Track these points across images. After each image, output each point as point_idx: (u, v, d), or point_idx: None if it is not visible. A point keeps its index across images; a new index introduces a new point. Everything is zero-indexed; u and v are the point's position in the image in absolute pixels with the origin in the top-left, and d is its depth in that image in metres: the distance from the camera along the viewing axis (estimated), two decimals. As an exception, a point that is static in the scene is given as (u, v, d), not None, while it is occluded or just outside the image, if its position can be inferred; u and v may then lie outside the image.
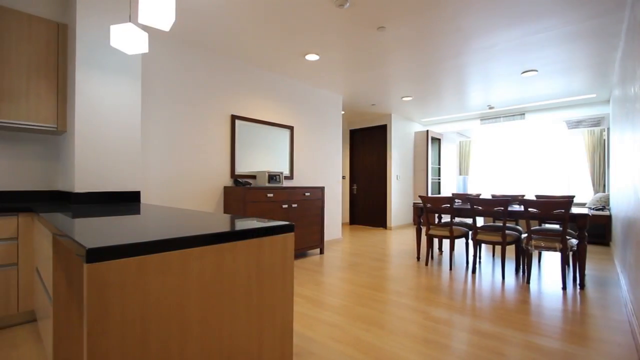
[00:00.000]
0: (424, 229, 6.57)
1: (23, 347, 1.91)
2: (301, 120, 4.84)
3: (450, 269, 3.68)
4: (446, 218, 7.82)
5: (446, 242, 5.41)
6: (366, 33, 3.25)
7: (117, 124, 2.58)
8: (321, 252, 4.49)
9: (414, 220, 7.69)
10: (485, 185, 8.79)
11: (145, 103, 3.17)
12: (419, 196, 3.91)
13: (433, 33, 3.23)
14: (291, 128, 4.64)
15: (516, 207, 3.64)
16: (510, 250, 4.85)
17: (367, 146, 7.39)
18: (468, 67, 4.15)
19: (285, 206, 3.91)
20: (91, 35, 2.44)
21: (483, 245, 5.12)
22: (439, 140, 8.06)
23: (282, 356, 1.24)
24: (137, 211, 1.83)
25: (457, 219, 4.91)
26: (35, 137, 2.67)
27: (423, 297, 2.81)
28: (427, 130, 7.48)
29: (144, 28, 3.05)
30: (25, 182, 2.62)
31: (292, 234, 1.22)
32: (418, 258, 4.13)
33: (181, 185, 3.44)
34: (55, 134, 2.69)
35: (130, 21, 1.88)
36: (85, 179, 2.42)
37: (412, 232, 6.45)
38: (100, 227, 1.13)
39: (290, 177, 4.62)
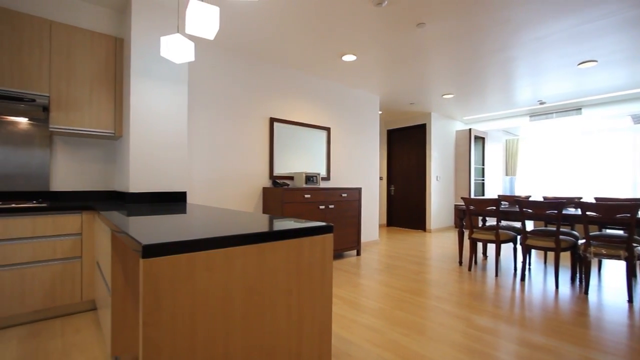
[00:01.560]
0: (466, 232, 6.26)
1: (85, 332, 2.10)
2: (338, 121, 4.85)
3: (496, 275, 3.48)
4: (491, 221, 7.41)
5: (491, 247, 5.12)
6: (405, 30, 3.17)
7: (166, 129, 2.76)
8: (358, 253, 4.46)
9: (455, 222, 7.36)
10: (535, 186, 8.18)
11: (190, 108, 3.36)
12: (462, 198, 3.74)
13: (477, 26, 3.08)
14: (328, 129, 4.66)
15: (572, 211, 3.35)
16: (565, 257, 4.47)
17: (405, 146, 7.21)
18: (516, 60, 3.90)
19: (322, 207, 3.93)
20: (144, 47, 2.64)
21: (533, 251, 4.77)
22: (483, 138, 7.65)
23: (321, 356, 1.24)
24: (183, 210, 1.94)
25: (503, 223, 4.62)
26: (96, 142, 2.93)
27: (466, 303, 2.68)
28: (470, 129, 7.13)
29: (190, 38, 3.24)
30: (87, 182, 2.88)
31: (331, 235, 1.23)
32: (460, 262, 3.95)
33: (223, 186, 3.59)
34: (113, 139, 2.93)
35: (178, 32, 2.00)
36: (139, 180, 2.61)
37: (453, 235, 6.19)
38: (152, 225, 1.21)
39: (327, 178, 4.64)
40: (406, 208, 7.14)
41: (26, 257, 2.16)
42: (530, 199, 5.09)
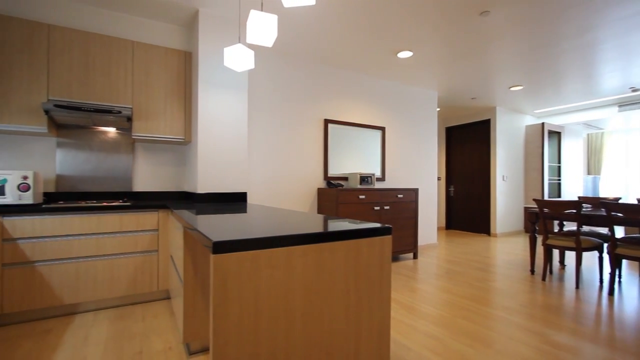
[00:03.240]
0: (539, 238, 5.66)
1: (161, 318, 2.34)
2: (393, 120, 4.73)
3: (577, 287, 3.08)
4: (569, 226, 6.59)
5: (570, 255, 4.56)
6: (466, 21, 2.98)
7: (229, 133, 2.95)
8: (415, 256, 4.29)
9: (525, 227, 6.71)
10: (624, 187, 7.09)
11: (249, 113, 3.55)
12: (534, 200, 3.39)
13: (551, 9, 2.77)
14: (382, 129, 4.57)
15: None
16: (668, 270, 3.80)
17: (467, 144, 6.77)
18: (600, 43, 3.43)
19: (377, 208, 3.87)
20: (209, 59, 2.85)
21: (624, 262, 4.14)
22: (559, 133, 6.85)
23: (379, 359, 1.22)
24: (244, 210, 2.05)
25: (585, 228, 4.09)
26: (169, 147, 3.25)
27: (540, 317, 2.42)
28: (543, 123, 6.44)
29: (250, 46, 3.42)
30: (161, 184, 3.21)
31: (390, 236, 1.20)
32: (532, 271, 3.58)
33: (279, 187, 3.73)
34: (183, 144, 3.22)
35: (239, 42, 2.13)
36: (205, 181, 2.83)
37: (523, 241, 5.64)
38: (219, 223, 1.30)
39: (382, 178, 4.55)
40: (467, 210, 6.70)
41: (115, 249, 2.48)
42: (621, 201, 4.42)
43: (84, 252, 2.37)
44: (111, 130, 2.97)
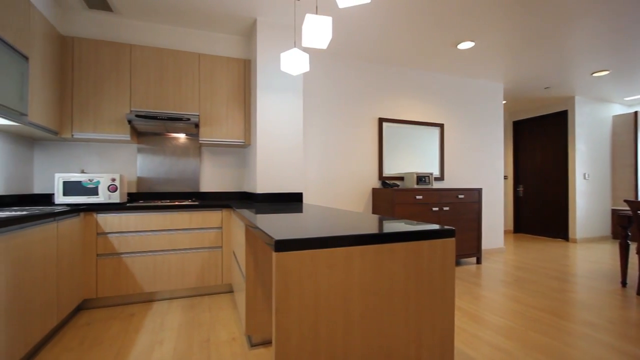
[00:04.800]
0: (632, 245, 4.90)
1: (226, 310, 2.50)
2: (452, 116, 4.47)
3: (686, 304, 2.60)
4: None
5: (674, 266, 3.86)
6: (538, 1, 2.70)
7: (285, 136, 3.05)
8: (478, 261, 4.00)
9: (613, 232, 5.85)
10: None
11: (304, 114, 3.63)
12: (625, 201, 2.94)
13: (647, -21, 2.38)
14: (441, 125, 4.34)
15: None
16: None
17: (538, 139, 6.13)
18: None
19: (435, 209, 3.69)
20: (266, 65, 2.98)
21: None
22: (657, 124, 5.85)
23: (442, 369, 1.15)
24: (301, 210, 2.10)
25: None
26: (230, 151, 3.46)
27: (635, 336, 2.08)
28: (636, 112, 5.56)
29: (304, 49, 3.50)
30: (224, 184, 3.43)
31: (453, 239, 1.13)
32: (623, 283, 3.11)
33: (334, 187, 3.75)
34: (243, 147, 3.41)
35: (294, 46, 2.19)
36: (264, 182, 2.96)
37: (610, 248, 4.92)
38: (278, 222, 1.35)
39: (440, 178, 4.33)
40: (540, 212, 6.05)
41: (185, 244, 2.71)
42: None
43: (160, 246, 2.64)
44: (181, 136, 3.27)
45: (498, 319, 2.35)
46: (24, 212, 1.84)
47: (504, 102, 5.85)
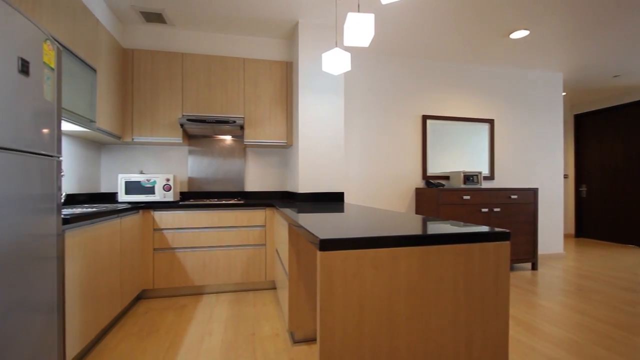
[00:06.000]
0: None
1: (269, 306, 2.57)
2: (503, 111, 4.18)
3: None
4: None
5: None
6: (604, -17, 2.43)
7: (326, 136, 3.06)
8: (533, 267, 3.70)
9: (700, 239, 5.09)
10: None
11: (345, 113, 3.61)
12: None
13: None
14: (490, 121, 4.08)
15: None
16: None
17: (605, 133, 5.52)
18: None
19: (484, 210, 3.48)
20: (308, 66, 3.02)
21: None
22: None
23: (495, 381, 1.08)
24: (342, 209, 2.09)
25: None
26: (273, 151, 3.56)
27: None
28: None
29: (345, 48, 3.49)
30: (267, 184, 3.53)
31: (508, 242, 1.05)
32: None
33: (375, 186, 3.69)
34: (285, 147, 3.48)
35: (336, 46, 2.19)
36: (306, 181, 3.00)
37: (697, 257, 4.29)
38: (320, 222, 1.36)
39: (490, 177, 4.07)
40: (607, 214, 5.45)
41: (231, 241, 2.84)
42: None
43: (209, 242, 2.79)
44: (227, 138, 3.42)
45: (557, 331, 2.16)
46: (94, 209, 2.05)
47: (564, 93, 5.35)
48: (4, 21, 1.08)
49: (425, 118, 3.83)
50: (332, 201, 3.04)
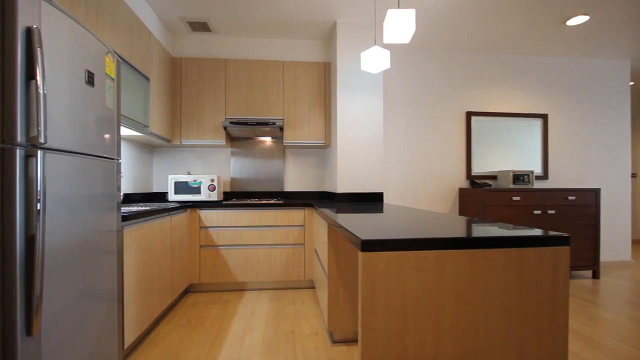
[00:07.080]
0: None
1: (308, 305, 2.60)
2: (558, 105, 3.85)
3: None
4: None
5: None
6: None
7: (365, 135, 3.03)
8: (594, 275, 3.37)
9: None
10: None
11: (384, 112, 3.55)
12: None
13: None
14: (544, 116, 3.78)
15: None
16: None
17: (682, 127, 4.87)
18: None
19: (537, 212, 3.23)
20: (346, 66, 3.00)
21: None
22: None
23: (552, 398, 1.00)
24: (382, 210, 2.06)
25: None
26: (312, 152, 3.59)
27: None
28: None
29: (385, 46, 3.43)
30: (305, 184, 3.57)
31: (567, 248, 0.97)
32: None
33: (416, 186, 3.58)
34: (323, 147, 3.50)
35: (375, 44, 2.16)
36: (344, 182, 2.99)
37: None
38: (360, 222, 1.34)
39: (543, 176, 3.78)
40: (686, 219, 4.80)
41: (271, 240, 2.91)
42: None
43: (250, 240, 2.88)
44: (267, 140, 3.52)
45: (623, 346, 1.94)
46: (147, 207, 2.21)
47: (631, 83, 4.80)
48: (76, 39, 1.21)
49: (469, 114, 3.64)
50: (371, 201, 3.00)
